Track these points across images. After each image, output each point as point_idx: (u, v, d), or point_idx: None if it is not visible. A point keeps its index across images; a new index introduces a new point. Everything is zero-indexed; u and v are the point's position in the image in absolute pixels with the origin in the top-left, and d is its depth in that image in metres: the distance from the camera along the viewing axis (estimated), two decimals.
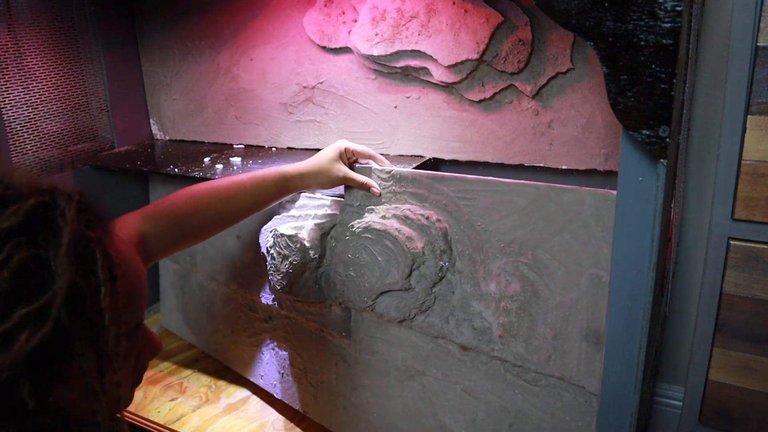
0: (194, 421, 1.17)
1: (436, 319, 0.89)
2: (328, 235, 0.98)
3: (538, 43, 1.01)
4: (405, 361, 0.97)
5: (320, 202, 1.03)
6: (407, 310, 0.90)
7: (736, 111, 0.87)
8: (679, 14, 0.51)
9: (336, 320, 1.03)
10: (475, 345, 0.87)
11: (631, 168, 0.60)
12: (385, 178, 0.91)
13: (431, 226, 0.86)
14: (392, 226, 0.87)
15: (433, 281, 0.87)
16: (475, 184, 0.82)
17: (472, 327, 0.86)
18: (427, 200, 0.87)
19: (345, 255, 0.93)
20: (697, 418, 1.03)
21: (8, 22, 1.25)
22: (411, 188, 0.88)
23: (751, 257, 0.92)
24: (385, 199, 0.92)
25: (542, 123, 1.05)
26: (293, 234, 0.98)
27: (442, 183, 0.85)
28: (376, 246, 0.89)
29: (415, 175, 0.88)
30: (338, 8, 1.18)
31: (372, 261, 0.90)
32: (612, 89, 0.56)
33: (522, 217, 0.78)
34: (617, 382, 0.68)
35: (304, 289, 1.01)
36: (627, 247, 0.63)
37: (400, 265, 0.86)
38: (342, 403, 1.08)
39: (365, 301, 0.93)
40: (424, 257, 0.86)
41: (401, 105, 1.19)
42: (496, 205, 0.80)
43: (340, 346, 1.05)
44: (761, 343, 0.94)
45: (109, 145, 1.52)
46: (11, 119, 1.29)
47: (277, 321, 1.16)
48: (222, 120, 1.47)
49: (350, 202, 0.96)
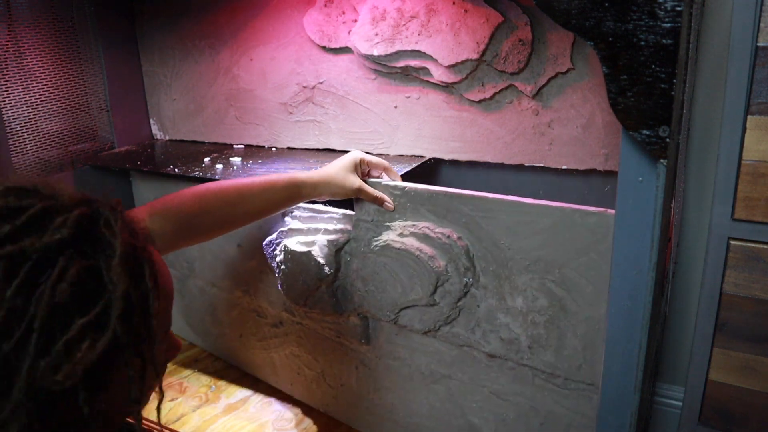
0: (194, 421, 1.17)
1: (461, 329, 0.88)
2: (342, 250, 0.96)
3: (538, 43, 1.01)
4: (429, 366, 0.96)
5: (329, 215, 1.00)
6: (432, 323, 0.89)
7: (736, 111, 0.87)
8: (679, 14, 0.51)
9: (354, 329, 1.02)
10: (503, 354, 0.86)
11: (631, 168, 0.60)
12: (399, 194, 0.89)
13: (452, 244, 0.84)
14: (412, 244, 0.86)
15: (458, 296, 0.85)
16: (495, 204, 0.80)
17: (499, 338, 0.85)
18: (446, 217, 0.85)
19: (364, 271, 0.92)
20: (697, 418, 1.03)
21: (8, 22, 1.26)
22: (427, 205, 0.86)
23: (751, 257, 0.92)
24: (399, 214, 0.89)
25: (542, 123, 1.05)
26: (306, 251, 0.96)
27: (461, 201, 0.83)
28: (397, 264, 0.87)
29: (432, 193, 0.85)
30: (338, 8, 1.18)
31: (394, 278, 0.89)
32: (612, 89, 0.56)
33: (547, 237, 0.77)
34: (617, 382, 0.68)
35: (319, 303, 1.00)
36: (627, 247, 0.63)
37: (424, 282, 0.85)
38: (365, 404, 1.08)
39: (387, 314, 0.92)
40: (448, 275, 0.85)
41: (401, 105, 1.19)
42: (518, 225, 0.79)
43: (359, 351, 1.05)
44: (761, 343, 0.94)
45: (109, 145, 1.52)
46: (11, 119, 1.29)
47: (289, 326, 1.16)
48: (222, 120, 1.47)
49: (363, 217, 0.93)
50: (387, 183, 0.91)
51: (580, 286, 0.76)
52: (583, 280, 0.76)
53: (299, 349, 1.15)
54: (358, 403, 1.09)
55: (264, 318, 1.21)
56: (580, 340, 0.78)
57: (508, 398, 0.89)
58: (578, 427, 0.83)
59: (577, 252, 0.75)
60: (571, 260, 0.76)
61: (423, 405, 0.99)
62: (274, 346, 1.21)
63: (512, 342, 0.84)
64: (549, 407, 0.85)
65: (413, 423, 1.02)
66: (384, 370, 1.02)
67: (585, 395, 0.81)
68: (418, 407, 1.00)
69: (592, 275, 0.75)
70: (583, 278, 0.76)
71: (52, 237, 0.41)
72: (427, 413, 0.99)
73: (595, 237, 0.73)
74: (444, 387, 0.95)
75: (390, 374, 1.02)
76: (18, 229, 0.41)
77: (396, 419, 1.04)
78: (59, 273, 0.40)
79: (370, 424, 1.08)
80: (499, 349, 0.86)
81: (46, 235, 0.41)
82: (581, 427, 0.83)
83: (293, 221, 1.04)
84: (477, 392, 0.92)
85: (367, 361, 1.04)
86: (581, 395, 0.81)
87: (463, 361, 0.92)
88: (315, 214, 1.02)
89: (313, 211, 1.02)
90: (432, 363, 0.95)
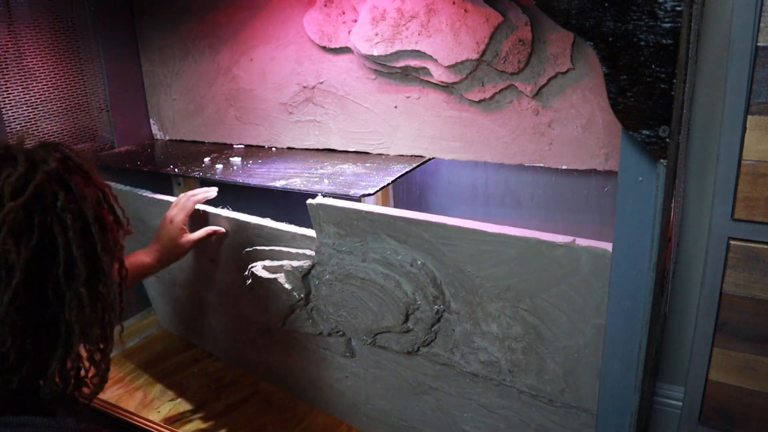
0: (194, 421, 1.17)
1: (440, 350, 0.87)
2: (309, 275, 0.94)
3: (538, 43, 1.01)
4: (416, 378, 0.95)
5: (291, 234, 0.96)
6: (410, 345, 0.88)
7: (736, 111, 0.87)
8: (679, 14, 0.51)
9: (336, 345, 1.02)
10: (485, 374, 0.84)
11: (631, 168, 0.60)
12: (358, 219, 0.85)
13: (418, 272, 0.81)
14: (377, 271, 0.83)
15: (430, 323, 0.83)
16: (454, 231, 0.75)
17: (479, 360, 0.83)
18: (407, 242, 0.81)
19: (333, 297, 0.90)
20: (697, 418, 1.03)
21: (8, 22, 1.25)
22: (387, 230, 0.82)
23: (751, 257, 0.92)
24: (359, 238, 0.85)
25: (542, 123, 1.05)
26: (272, 278, 0.95)
27: (420, 227, 0.79)
28: (365, 293, 0.86)
29: (390, 218, 0.81)
30: (338, 8, 1.18)
31: (363, 306, 0.87)
32: (612, 89, 0.56)
33: (513, 267, 0.73)
34: (617, 382, 0.68)
35: (296, 323, 0.99)
36: (627, 247, 0.63)
37: (394, 312, 0.84)
38: (362, 409, 1.07)
39: (364, 339, 0.91)
40: (417, 303, 0.82)
41: (401, 105, 1.19)
42: (482, 254, 0.75)
43: (347, 362, 1.04)
44: (761, 343, 0.94)
45: (109, 145, 1.52)
46: (11, 119, 1.29)
47: (276, 335, 1.15)
48: (222, 120, 1.47)
49: (324, 240, 0.90)
50: (345, 207, 0.86)
51: (554, 316, 0.73)
52: (557, 311, 0.73)
53: (290, 357, 1.15)
54: (354, 408, 1.09)
55: (252, 325, 1.20)
56: (561, 367, 0.76)
57: (497, 411, 0.88)
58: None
59: (547, 283, 0.72)
60: (542, 291, 0.73)
61: (416, 412, 0.99)
62: (263, 350, 1.21)
63: (492, 364, 0.81)
64: (538, 421, 0.84)
65: (410, 427, 1.02)
66: (373, 379, 1.02)
67: (573, 413, 0.79)
68: (411, 414, 1.00)
69: (565, 307, 0.72)
70: (556, 309, 0.73)
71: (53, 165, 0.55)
72: (421, 419, 0.99)
73: (563, 269, 0.70)
74: (433, 398, 0.95)
75: (379, 383, 1.01)
76: (31, 166, 0.54)
77: (393, 422, 1.04)
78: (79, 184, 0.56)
79: (370, 427, 1.08)
80: (480, 370, 0.84)
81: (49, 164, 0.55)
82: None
83: (258, 239, 1.00)
84: (466, 405, 0.91)
85: (356, 371, 1.04)
86: (569, 413, 0.80)
87: (447, 376, 0.90)
88: (277, 233, 0.97)
89: (274, 229, 0.98)
90: (418, 375, 0.94)
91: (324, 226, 0.89)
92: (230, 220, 1.03)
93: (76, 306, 0.54)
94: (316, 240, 0.91)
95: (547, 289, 0.72)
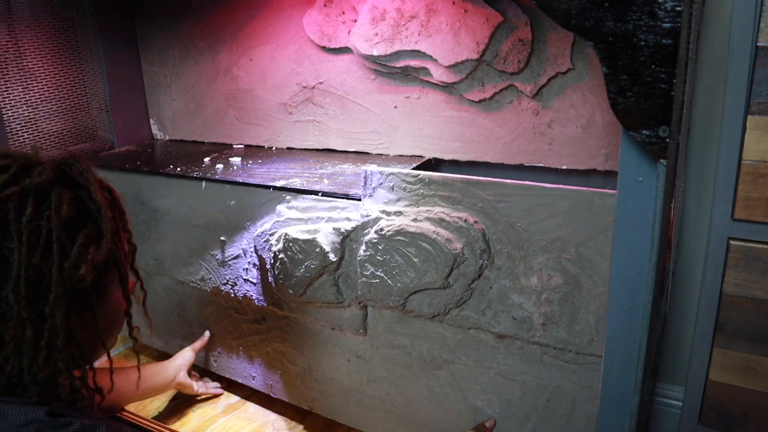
0: (194, 421, 1.17)
1: (471, 312, 0.90)
2: (348, 237, 0.96)
3: (538, 43, 1.01)
4: (431, 352, 0.97)
5: (331, 204, 1.00)
6: (442, 306, 0.91)
7: (736, 111, 0.87)
8: (679, 14, 0.51)
9: (352, 319, 1.02)
10: (514, 333, 0.88)
11: (631, 168, 0.60)
12: (411, 181, 0.91)
13: (470, 227, 0.86)
14: (428, 228, 0.87)
15: (472, 278, 0.88)
16: (513, 189, 0.83)
17: (511, 317, 0.87)
18: (461, 203, 0.87)
19: (374, 257, 0.92)
20: (697, 418, 1.03)
21: (8, 22, 1.26)
22: (442, 192, 0.88)
23: (751, 257, 0.92)
24: (410, 202, 0.91)
25: (542, 123, 1.05)
26: (310, 239, 0.96)
27: (478, 187, 0.86)
28: (411, 248, 0.89)
29: (447, 180, 0.88)
30: (338, 8, 1.18)
31: (406, 262, 0.90)
32: (612, 89, 0.56)
33: (564, 219, 0.80)
34: (617, 382, 0.68)
35: (319, 291, 1.00)
36: (627, 247, 0.63)
37: (440, 265, 0.87)
38: (356, 396, 1.08)
39: (396, 300, 0.93)
40: (464, 257, 0.87)
41: (401, 105, 1.19)
42: (536, 208, 0.82)
43: (354, 342, 1.05)
44: (761, 343, 0.94)
45: (109, 145, 1.52)
46: (11, 119, 1.29)
47: (273, 322, 1.15)
48: (222, 120, 1.47)
49: (372, 205, 0.94)
50: (400, 171, 0.92)
51: (596, 262, 0.79)
52: (599, 257, 0.78)
53: (283, 345, 1.15)
54: (348, 396, 1.09)
55: (244, 315, 1.19)
56: (593, 314, 0.80)
57: (515, 378, 0.91)
58: (583, 402, 0.86)
59: (594, 231, 0.78)
60: (588, 239, 0.78)
61: (422, 392, 1.00)
62: (253, 344, 1.20)
63: (524, 321, 0.86)
64: (556, 382, 0.87)
65: (411, 411, 1.02)
66: (380, 360, 1.02)
67: (594, 368, 0.83)
68: (417, 394, 1.01)
69: (608, 252, 0.77)
70: (599, 255, 0.78)
71: (41, 178, 0.56)
72: (426, 399, 1.00)
73: (612, 215, 0.75)
74: (446, 372, 0.97)
75: (386, 364, 1.02)
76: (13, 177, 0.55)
77: (390, 409, 1.04)
78: (57, 200, 0.55)
79: (361, 417, 1.09)
80: (510, 329, 0.88)
81: (35, 178, 0.55)
82: (586, 401, 0.85)
83: (289, 211, 1.03)
84: (482, 375, 0.94)
85: (362, 353, 1.04)
86: (590, 368, 0.84)
87: (468, 345, 0.93)
88: (314, 203, 1.02)
89: (312, 200, 1.02)
90: (435, 349, 0.96)
91: (378, 190, 0.94)
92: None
93: (14, 326, 0.52)
94: (362, 204, 0.96)
95: (593, 237, 0.78)
